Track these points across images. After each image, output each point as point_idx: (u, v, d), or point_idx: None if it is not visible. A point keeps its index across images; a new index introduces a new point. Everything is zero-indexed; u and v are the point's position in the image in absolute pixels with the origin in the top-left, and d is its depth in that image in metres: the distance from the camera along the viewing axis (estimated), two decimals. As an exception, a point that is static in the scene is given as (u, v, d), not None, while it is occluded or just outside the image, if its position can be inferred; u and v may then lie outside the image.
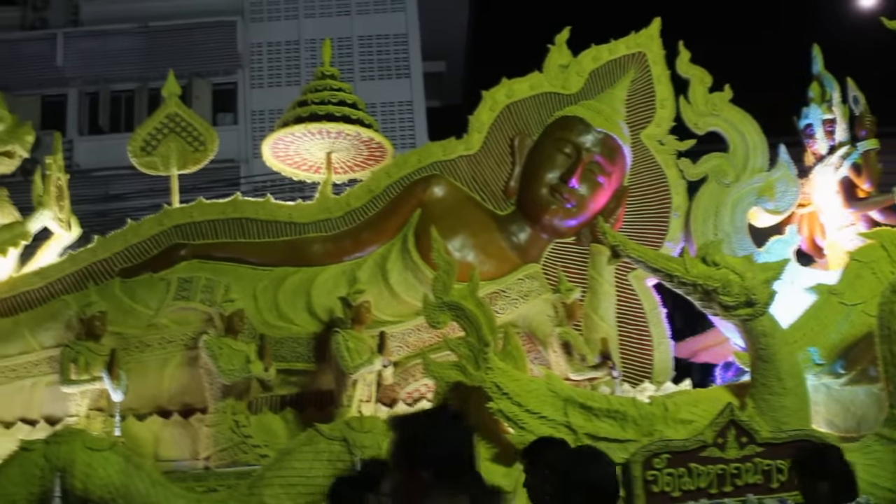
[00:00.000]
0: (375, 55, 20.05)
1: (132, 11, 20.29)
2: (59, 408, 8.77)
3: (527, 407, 7.57)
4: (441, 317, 7.99)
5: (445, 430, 2.80)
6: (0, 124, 10.31)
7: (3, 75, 16.84)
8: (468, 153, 9.71)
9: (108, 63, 20.06)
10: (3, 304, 9.49)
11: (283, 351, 8.98)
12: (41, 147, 12.89)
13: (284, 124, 10.23)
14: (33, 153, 11.18)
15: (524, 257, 9.56)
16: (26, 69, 19.92)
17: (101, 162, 18.39)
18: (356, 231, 9.49)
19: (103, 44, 20.19)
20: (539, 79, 9.90)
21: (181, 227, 9.51)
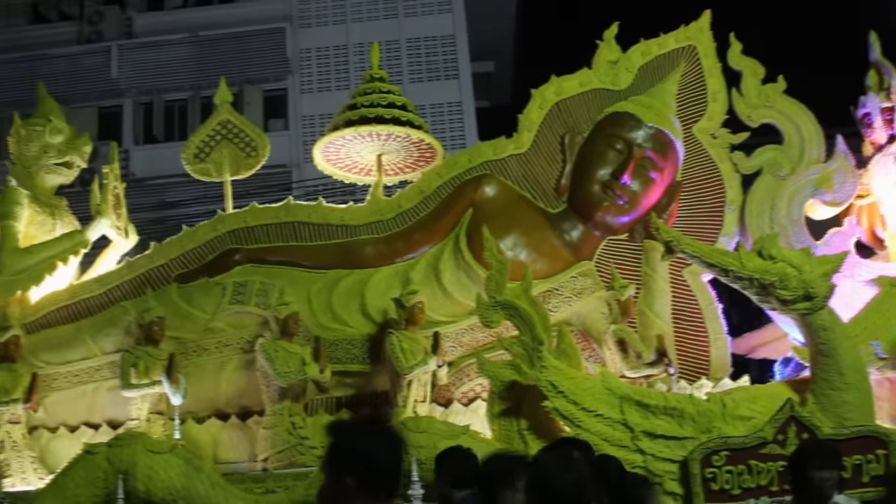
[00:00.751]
0: (423, 57, 20.08)
1: (183, 22, 20.59)
2: (121, 412, 8.93)
3: (582, 405, 7.54)
4: (494, 316, 7.99)
5: (372, 438, 2.81)
6: (59, 136, 10.54)
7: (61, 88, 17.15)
8: (518, 152, 9.67)
9: (161, 73, 20.37)
10: (65, 311, 9.71)
11: (338, 353, 9.04)
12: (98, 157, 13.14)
13: (335, 128, 10.30)
14: (91, 164, 11.42)
15: (577, 255, 9.50)
16: (83, 82, 20.33)
17: (157, 170, 18.68)
18: (408, 232, 9.51)
19: (156, 55, 20.51)
20: (588, 75, 9.83)
21: (235, 232, 9.64)
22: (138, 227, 11.00)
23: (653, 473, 7.28)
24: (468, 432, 7.87)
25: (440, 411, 8.88)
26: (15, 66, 20.28)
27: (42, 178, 10.47)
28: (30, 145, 10.46)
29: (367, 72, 10.77)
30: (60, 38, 21.15)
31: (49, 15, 21.77)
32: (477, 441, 7.81)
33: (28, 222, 10.12)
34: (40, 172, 10.44)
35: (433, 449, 7.55)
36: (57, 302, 9.77)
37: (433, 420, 8.08)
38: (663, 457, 7.34)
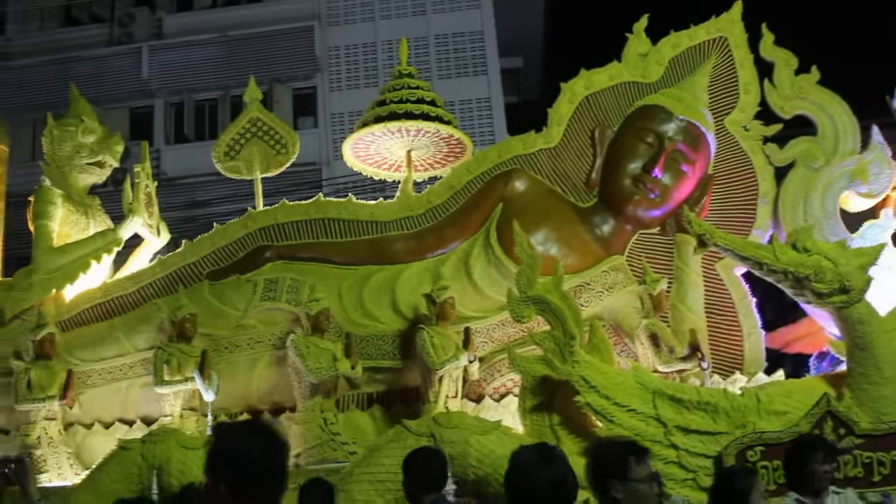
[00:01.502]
0: (452, 53, 20.03)
1: (212, 22, 20.68)
2: (154, 408, 9.01)
3: (615, 400, 7.48)
4: (526, 311, 7.95)
5: (247, 444, 2.70)
6: (91, 136, 10.65)
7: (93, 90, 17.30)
8: (548, 146, 9.63)
9: (191, 73, 20.48)
10: (99, 309, 9.82)
11: (369, 348, 9.06)
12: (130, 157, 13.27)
13: (364, 124, 10.31)
14: (123, 163, 11.53)
15: (608, 249, 9.44)
16: (114, 83, 20.49)
17: (188, 169, 18.79)
18: (438, 228, 9.51)
19: (186, 55, 20.63)
20: (618, 68, 9.76)
21: (266, 230, 9.68)
22: (170, 225, 11.11)
23: (686, 469, 7.23)
24: (500, 428, 7.85)
25: (471, 407, 8.86)
26: (48, 68, 20.51)
27: (75, 177, 10.60)
28: (63, 145, 10.59)
29: (396, 68, 10.77)
30: (92, 40, 21.34)
31: (81, 18, 21.96)
32: (509, 436, 7.79)
33: (62, 221, 10.24)
34: (73, 172, 10.57)
35: (464, 444, 7.56)
36: (91, 300, 9.88)
37: (464, 415, 8.06)
38: (697, 452, 7.27)
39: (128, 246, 10.71)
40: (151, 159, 11.20)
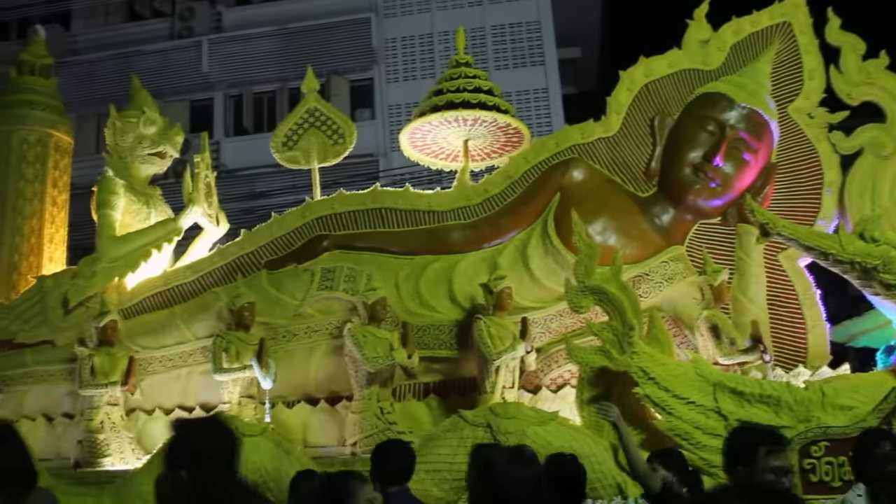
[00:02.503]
0: (509, 44, 19.94)
1: (270, 15, 20.88)
2: (213, 395, 9.10)
3: (674, 392, 7.39)
4: (584, 301, 7.89)
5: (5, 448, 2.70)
6: (152, 126, 10.81)
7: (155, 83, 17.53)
8: (607, 135, 9.51)
9: (250, 66, 20.73)
10: (159, 297, 9.97)
11: (426, 338, 9.04)
12: (190, 149, 13.47)
13: (421, 114, 10.27)
14: (183, 155, 11.70)
15: (668, 239, 9.29)
16: (175, 77, 20.84)
17: (247, 161, 19.01)
18: (495, 217, 9.45)
19: (245, 48, 20.88)
20: (678, 56, 9.59)
21: (323, 219, 9.73)
22: (229, 217, 11.23)
23: (748, 463, 7.09)
24: (557, 419, 7.80)
25: (528, 398, 8.80)
26: (112, 62, 20.93)
27: (137, 168, 10.78)
28: (125, 136, 10.77)
29: (453, 57, 10.71)
30: (154, 34, 21.71)
31: (143, 13, 22.35)
32: (566, 428, 7.74)
33: (124, 211, 10.43)
34: (135, 162, 10.76)
35: (521, 435, 7.52)
36: (152, 288, 10.04)
37: (521, 406, 8.03)
38: (759, 446, 7.13)
39: (187, 236, 10.86)
40: (211, 151, 11.31)
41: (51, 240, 11.38)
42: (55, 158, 11.71)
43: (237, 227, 10.69)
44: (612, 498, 7.40)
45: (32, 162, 11.47)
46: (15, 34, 21.53)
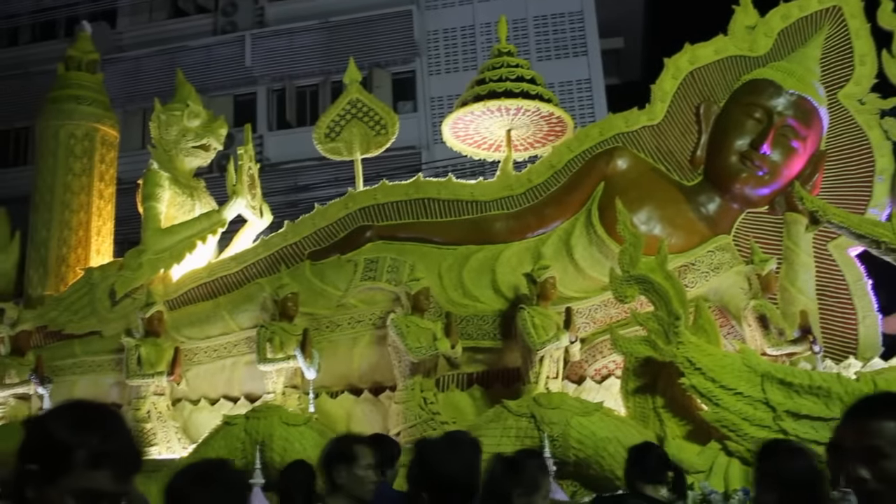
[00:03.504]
0: (551, 34, 19.80)
1: (313, 9, 20.92)
2: (258, 385, 9.16)
3: (721, 382, 7.29)
4: (628, 291, 7.81)
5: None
6: (196, 119, 10.90)
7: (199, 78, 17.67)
8: (651, 123, 9.40)
9: (292, 60, 20.80)
10: (204, 289, 10.06)
11: (469, 328, 9.01)
12: (234, 143, 13.57)
13: (464, 104, 10.24)
14: (227, 149, 11.79)
15: (714, 228, 9.16)
16: (219, 71, 20.99)
17: (290, 155, 19.10)
18: (539, 207, 9.39)
19: (287, 42, 20.95)
20: (724, 42, 9.44)
21: (366, 210, 9.73)
22: (273, 210, 11.29)
23: (797, 456, 6.97)
24: (602, 409, 7.73)
25: (572, 388, 8.75)
26: (157, 58, 21.14)
27: (181, 160, 10.89)
28: (169, 129, 10.87)
29: (495, 46, 10.66)
30: (198, 30, 21.88)
31: (187, 9, 22.53)
32: (611, 418, 7.66)
33: (169, 203, 10.53)
34: (180, 155, 10.86)
35: (565, 426, 7.47)
36: (197, 279, 10.13)
37: (566, 396, 7.97)
38: (809, 438, 6.98)
39: (232, 227, 10.94)
40: (255, 145, 11.39)
41: (98, 232, 11.53)
42: (102, 152, 11.86)
43: (281, 219, 10.74)
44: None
45: (80, 156, 11.63)
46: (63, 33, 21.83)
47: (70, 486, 1.85)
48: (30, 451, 1.91)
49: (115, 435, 1.92)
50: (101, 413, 1.97)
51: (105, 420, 1.95)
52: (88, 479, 1.86)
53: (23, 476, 1.88)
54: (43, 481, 1.86)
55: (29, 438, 1.93)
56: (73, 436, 1.88)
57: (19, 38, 22.80)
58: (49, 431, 1.90)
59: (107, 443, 1.89)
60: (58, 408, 2.02)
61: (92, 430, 1.89)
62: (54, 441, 1.88)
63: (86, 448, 1.86)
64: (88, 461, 1.86)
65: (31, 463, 1.88)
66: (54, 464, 1.86)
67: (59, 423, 1.91)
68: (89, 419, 1.93)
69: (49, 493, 1.86)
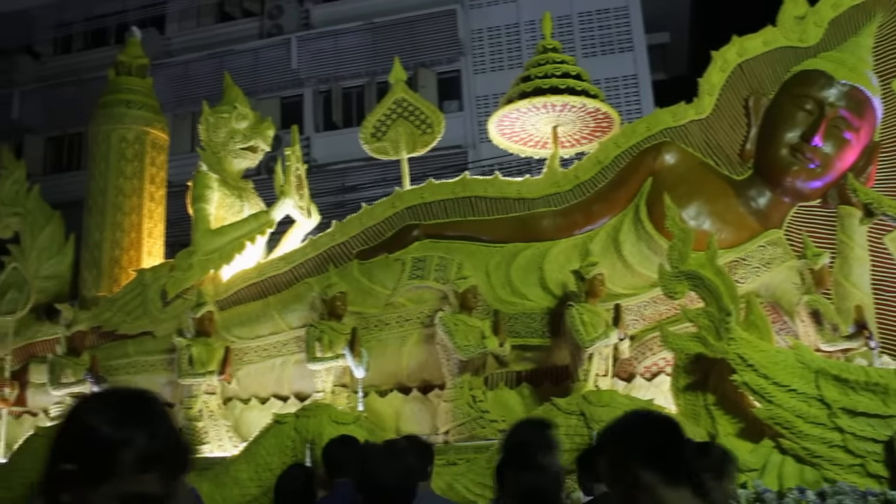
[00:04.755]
0: (596, 31, 19.68)
1: (358, 10, 21.04)
2: (307, 384, 9.23)
3: (774, 379, 7.19)
4: (678, 287, 7.73)
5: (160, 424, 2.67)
6: (244, 121, 11.01)
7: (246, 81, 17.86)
8: (699, 117, 9.26)
9: (338, 62, 20.95)
10: (254, 289, 10.16)
11: (518, 326, 8.98)
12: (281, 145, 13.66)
13: (509, 101, 10.19)
14: (274, 151, 11.88)
15: (765, 223, 9.01)
16: (266, 74, 21.21)
17: (336, 156, 19.23)
18: (586, 204, 9.32)
19: (333, 44, 21.10)
20: (773, 33, 9.27)
21: (413, 209, 9.75)
22: (320, 210, 11.36)
23: (853, 454, 6.87)
24: (652, 406, 7.66)
25: (622, 386, 8.68)
26: (205, 63, 21.41)
27: (230, 162, 11.00)
28: (218, 132, 10.99)
29: (540, 43, 10.59)
30: (244, 34, 22.12)
31: (234, 13, 22.79)
32: (661, 416, 7.59)
33: (218, 205, 10.64)
34: (228, 157, 10.98)
35: (615, 423, 7.39)
36: (246, 280, 10.24)
37: (615, 394, 7.91)
38: (865, 436, 6.89)
39: (280, 228, 11.03)
40: (302, 146, 11.45)
41: (149, 234, 11.71)
42: (152, 155, 12.04)
43: (328, 220, 10.80)
44: (711, 488, 7.23)
45: (131, 159, 11.81)
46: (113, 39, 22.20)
47: (115, 492, 1.64)
48: (66, 448, 1.68)
49: (164, 432, 1.71)
50: (145, 405, 1.74)
51: (151, 414, 1.73)
52: (136, 484, 1.65)
53: (58, 477, 1.66)
54: (83, 484, 1.65)
55: (65, 433, 1.71)
56: (118, 433, 1.66)
57: (72, 46, 23.24)
58: (89, 427, 1.67)
59: (155, 442, 1.68)
60: (96, 397, 1.81)
61: (138, 427, 1.68)
62: (96, 438, 1.66)
63: (133, 448, 1.65)
64: (136, 464, 1.65)
65: (69, 462, 1.66)
66: (96, 465, 1.65)
67: (101, 418, 1.68)
68: (134, 413, 1.71)
69: (90, 498, 1.65)
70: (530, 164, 12.43)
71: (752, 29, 9.41)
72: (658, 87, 19.38)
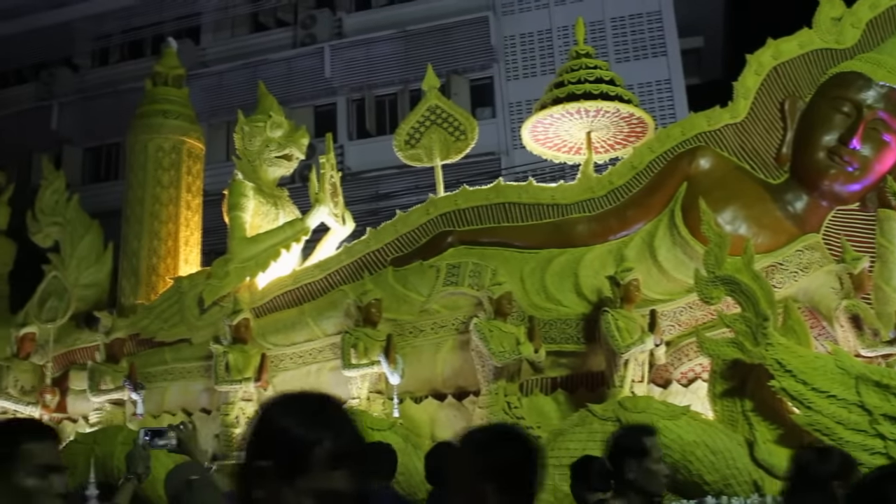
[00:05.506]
0: (629, 36, 19.57)
1: (390, 19, 21.11)
2: (343, 391, 9.22)
3: (813, 385, 7.12)
4: (714, 292, 7.68)
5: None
6: (279, 130, 11.10)
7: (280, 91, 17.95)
8: (735, 121, 9.20)
9: (371, 70, 21.00)
10: (289, 296, 10.23)
11: (553, 332, 8.95)
12: (315, 153, 13.75)
13: (542, 107, 10.20)
14: (308, 159, 11.95)
15: (802, 227, 8.92)
16: (299, 83, 21.33)
17: (370, 164, 19.27)
18: (621, 209, 9.29)
19: (365, 52, 21.17)
20: (809, 35, 9.19)
21: (447, 215, 9.77)
22: (354, 218, 11.41)
23: (896, 461, 6.75)
24: (689, 413, 7.61)
25: (658, 392, 8.63)
26: (239, 73, 21.57)
27: (265, 170, 11.09)
28: (253, 140, 11.10)
29: (573, 48, 10.59)
30: (278, 43, 22.26)
31: (267, 23, 22.95)
32: (699, 422, 7.54)
33: (253, 213, 10.73)
34: (263, 165, 11.07)
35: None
36: (282, 287, 10.30)
37: (652, 400, 7.88)
38: (909, 443, 6.78)
39: (315, 236, 11.08)
40: (336, 154, 11.52)
41: (186, 242, 11.83)
42: (188, 164, 12.18)
43: (362, 227, 10.84)
44: (749, 495, 7.17)
45: (167, 168, 11.96)
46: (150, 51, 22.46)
47: (309, 487, 1.78)
48: (261, 446, 1.82)
49: (349, 432, 1.86)
50: (332, 407, 1.90)
51: (338, 415, 1.88)
52: (328, 480, 1.79)
53: (254, 473, 1.80)
54: (278, 480, 1.79)
55: (258, 433, 1.86)
56: (310, 432, 1.80)
57: (110, 58, 23.55)
58: (283, 427, 1.82)
59: (342, 441, 1.82)
60: (285, 400, 1.94)
61: (327, 427, 1.82)
62: (290, 437, 1.80)
63: (324, 446, 1.79)
64: (327, 461, 1.79)
65: (264, 459, 1.80)
66: (291, 462, 1.78)
67: (293, 419, 1.83)
68: (323, 414, 1.86)
69: (285, 493, 1.79)
70: (563, 170, 12.38)
71: (786, 32, 9.34)
72: (692, 91, 19.24)
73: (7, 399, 10.34)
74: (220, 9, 22.70)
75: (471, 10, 20.27)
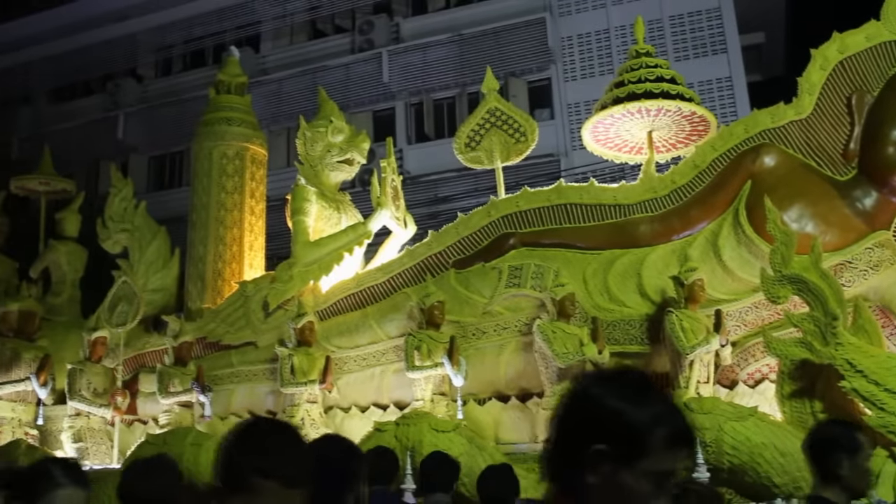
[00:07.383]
0: (689, 33, 19.33)
1: (446, 22, 21.15)
2: (406, 393, 9.33)
3: (885, 386, 7.00)
4: (781, 291, 7.59)
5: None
6: (340, 135, 11.21)
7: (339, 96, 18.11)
8: (799, 117, 9.05)
9: (428, 74, 21.07)
10: (352, 299, 10.32)
11: (616, 333, 8.91)
12: (375, 158, 13.85)
13: (603, 107, 10.14)
14: (369, 164, 12.04)
15: (871, 224, 8.72)
16: (358, 89, 21.50)
17: (429, 167, 19.32)
18: (684, 208, 9.20)
19: (423, 56, 21.24)
20: (877, 28, 8.99)
21: (508, 217, 9.78)
22: (415, 222, 11.45)
23: (971, 464, 6.60)
24: (756, 414, 7.51)
25: (724, 393, 8.53)
26: (299, 79, 21.82)
27: (327, 175, 11.21)
28: (315, 146, 11.22)
29: (633, 47, 10.51)
30: (336, 50, 22.45)
31: (325, 30, 23.17)
32: (766, 424, 7.43)
33: (316, 217, 10.86)
34: (325, 170, 11.19)
35: (718, 431, 7.29)
36: (345, 290, 10.41)
37: (718, 401, 7.80)
38: (985, 444, 6.62)
39: (377, 240, 11.17)
40: (395, 158, 11.58)
41: (250, 247, 12.01)
42: (252, 170, 12.37)
43: (423, 231, 10.90)
44: (820, 497, 7.04)
45: (231, 175, 12.15)
46: (211, 60, 22.85)
47: (650, 469, 1.79)
48: (594, 430, 1.82)
49: (677, 410, 1.87)
50: (650, 386, 1.89)
51: (659, 394, 1.88)
52: (666, 461, 1.81)
53: (589, 458, 1.80)
54: (616, 463, 1.79)
55: (585, 416, 1.85)
56: (646, 413, 1.81)
57: (172, 68, 24.01)
58: (616, 409, 1.81)
59: (676, 421, 1.83)
60: (604, 380, 1.93)
61: (661, 407, 1.84)
62: (628, 421, 1.80)
63: (664, 427, 1.80)
64: (666, 441, 1.80)
65: (601, 443, 1.80)
66: (632, 445, 1.79)
67: (627, 402, 1.83)
68: (652, 394, 1.86)
69: (623, 476, 1.80)
70: (623, 170, 12.30)
71: (849, 25, 9.16)
72: (753, 89, 18.94)
73: (80, 401, 10.59)
74: (279, 17, 22.99)
75: (527, 12, 20.22)
